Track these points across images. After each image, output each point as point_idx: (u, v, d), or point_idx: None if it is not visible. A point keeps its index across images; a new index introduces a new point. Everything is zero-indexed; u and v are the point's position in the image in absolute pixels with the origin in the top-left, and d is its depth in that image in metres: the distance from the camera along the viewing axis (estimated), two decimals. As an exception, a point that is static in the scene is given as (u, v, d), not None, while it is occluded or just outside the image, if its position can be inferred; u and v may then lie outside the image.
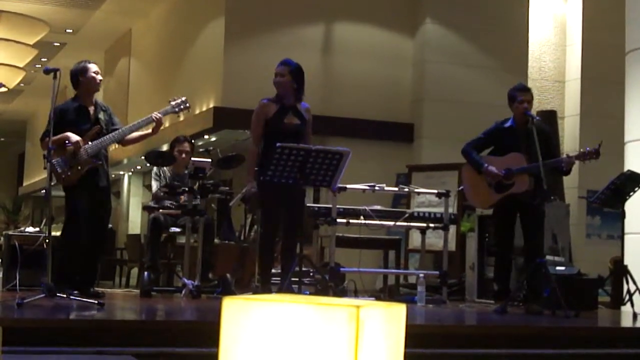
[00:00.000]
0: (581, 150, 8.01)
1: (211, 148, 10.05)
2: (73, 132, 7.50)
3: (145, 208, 9.66)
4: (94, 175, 7.61)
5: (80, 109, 7.70)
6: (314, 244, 9.53)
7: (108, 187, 7.91)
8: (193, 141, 9.98)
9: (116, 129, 7.74)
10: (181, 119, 12.32)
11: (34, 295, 6.34)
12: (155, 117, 7.79)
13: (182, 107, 8.15)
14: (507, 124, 8.10)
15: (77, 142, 7.45)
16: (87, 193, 7.56)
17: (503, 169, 7.92)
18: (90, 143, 7.53)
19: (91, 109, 7.73)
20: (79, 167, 7.48)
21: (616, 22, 10.94)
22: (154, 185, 9.39)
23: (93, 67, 7.79)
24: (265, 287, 7.59)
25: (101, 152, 7.68)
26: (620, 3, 10.18)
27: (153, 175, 9.43)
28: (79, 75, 7.75)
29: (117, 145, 8.19)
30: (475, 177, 8.15)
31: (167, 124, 16.16)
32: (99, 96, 8.28)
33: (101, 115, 7.75)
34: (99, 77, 7.81)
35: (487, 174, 7.97)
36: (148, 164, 9.65)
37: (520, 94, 8.05)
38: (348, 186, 8.68)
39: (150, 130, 7.91)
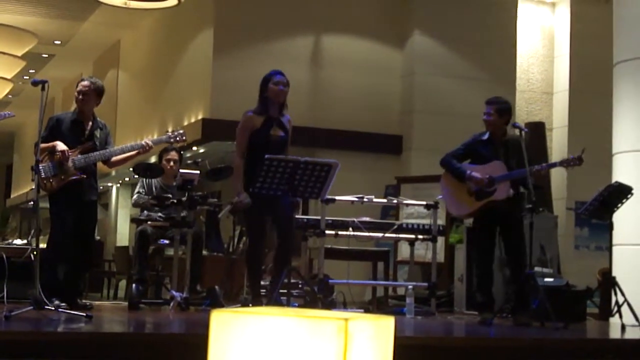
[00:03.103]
0: (564, 157, 8.04)
1: (200, 160, 10.05)
2: (64, 143, 7.54)
3: (134, 220, 9.64)
4: (79, 188, 7.62)
5: (76, 122, 7.76)
6: (302, 256, 9.52)
7: (94, 202, 7.91)
8: (182, 152, 9.97)
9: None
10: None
11: (21, 308, 6.31)
12: (147, 144, 7.78)
13: (177, 138, 8.15)
14: (485, 136, 8.14)
15: (64, 151, 7.50)
16: (70, 205, 7.57)
17: (485, 176, 7.95)
18: (79, 156, 7.57)
19: (88, 125, 7.77)
20: (62, 177, 7.52)
21: (604, 33, 10.99)
22: (135, 196, 9.43)
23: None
24: (255, 300, 7.56)
25: (89, 167, 7.69)
26: (608, 15, 10.22)
27: (138, 186, 9.46)
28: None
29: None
30: (455, 186, 8.16)
31: (155, 136, 16.16)
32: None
33: (97, 133, 7.79)
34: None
35: (471, 179, 7.97)
36: (136, 176, 9.64)
37: (485, 107, 8.16)
38: (337, 198, 8.69)
39: (135, 152, 7.88)
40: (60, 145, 7.53)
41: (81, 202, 7.66)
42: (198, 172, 8.93)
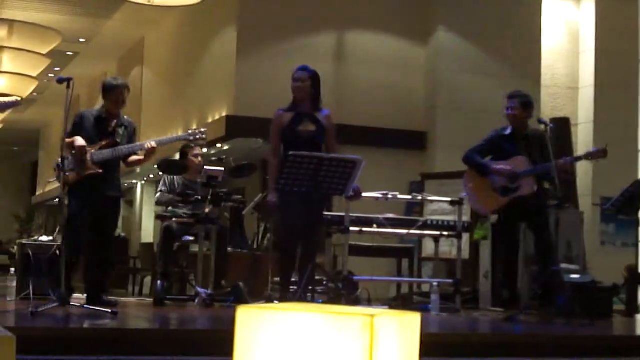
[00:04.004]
0: (588, 150, 7.96)
1: (224, 157, 10.06)
2: (85, 139, 7.58)
3: (159, 217, 9.67)
4: (98, 183, 7.61)
5: (100, 119, 7.80)
6: (327, 253, 9.51)
7: (115, 198, 7.91)
8: (205, 149, 9.99)
9: None
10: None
11: (47, 304, 6.35)
12: (149, 146, 7.74)
13: (197, 136, 8.14)
14: (507, 131, 8.10)
15: (81, 146, 7.54)
16: (88, 200, 7.57)
17: (509, 167, 7.90)
18: (98, 151, 7.58)
19: (113, 122, 7.80)
20: (79, 172, 7.56)
21: (630, 28, 10.92)
22: (157, 194, 9.46)
23: (121, 95, 7.84)
24: (283, 295, 7.49)
25: (109, 163, 7.68)
26: (633, 10, 10.16)
27: (161, 183, 9.49)
28: (104, 91, 7.87)
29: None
30: (479, 182, 8.11)
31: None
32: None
33: (120, 130, 7.82)
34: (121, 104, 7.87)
35: (497, 172, 7.92)
36: (161, 173, 9.67)
37: (506, 101, 8.12)
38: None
39: (142, 157, 7.89)
40: (79, 141, 7.59)
41: (100, 197, 7.66)
42: (222, 169, 8.95)
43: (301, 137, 7.45)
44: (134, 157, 7.87)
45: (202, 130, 8.25)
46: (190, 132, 8.21)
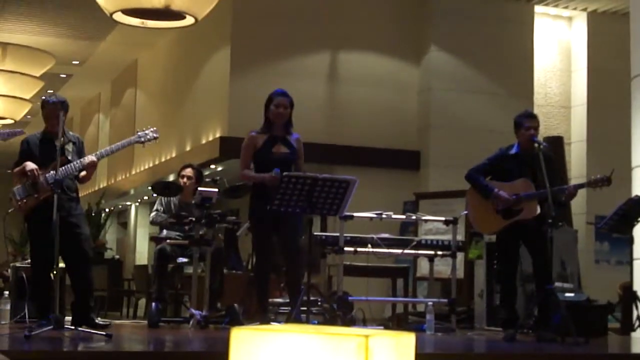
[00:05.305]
0: (592, 177, 7.90)
1: (218, 178, 10.05)
2: (36, 162, 7.47)
3: (153, 239, 9.65)
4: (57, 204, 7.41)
5: (45, 141, 7.67)
6: (321, 273, 9.50)
7: (76, 216, 7.71)
8: (201, 170, 9.97)
9: None
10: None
11: (42, 327, 6.33)
12: (89, 160, 7.59)
13: (148, 137, 7.96)
14: (512, 151, 8.03)
15: (32, 170, 7.44)
16: (47, 222, 7.19)
17: (512, 195, 7.86)
18: (51, 172, 7.42)
19: (59, 141, 7.59)
20: (36, 195, 7.47)
21: (621, 47, 10.97)
22: (153, 214, 9.42)
23: (53, 113, 7.66)
24: (262, 317, 7.58)
25: (64, 182, 7.52)
26: (625, 29, 10.20)
27: (156, 203, 9.46)
28: (41, 110, 7.76)
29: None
30: (480, 202, 8.07)
31: (173, 154, 16.21)
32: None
33: (68, 147, 7.65)
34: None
35: (498, 198, 7.88)
36: (155, 195, 9.66)
37: (527, 120, 7.99)
38: (355, 214, 8.67)
39: (84, 172, 7.67)
40: (29, 165, 7.47)
41: (60, 218, 7.42)
42: (216, 190, 8.94)
43: (275, 159, 7.56)
44: (82, 173, 7.72)
45: (153, 129, 8.05)
46: (140, 133, 8.02)
